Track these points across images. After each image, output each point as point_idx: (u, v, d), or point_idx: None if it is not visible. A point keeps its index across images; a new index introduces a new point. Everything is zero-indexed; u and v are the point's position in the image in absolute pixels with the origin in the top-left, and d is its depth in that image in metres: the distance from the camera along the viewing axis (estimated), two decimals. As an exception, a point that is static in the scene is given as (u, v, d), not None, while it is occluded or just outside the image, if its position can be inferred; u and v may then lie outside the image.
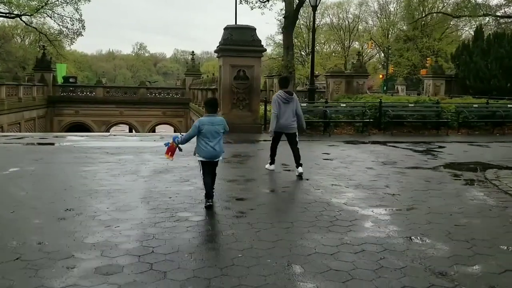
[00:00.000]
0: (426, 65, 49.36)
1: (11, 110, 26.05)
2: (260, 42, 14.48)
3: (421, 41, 63.70)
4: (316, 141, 12.97)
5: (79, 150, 10.47)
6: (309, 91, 18.07)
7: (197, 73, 37.66)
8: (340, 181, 7.60)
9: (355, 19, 78.56)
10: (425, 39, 63.61)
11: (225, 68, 14.24)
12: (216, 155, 5.96)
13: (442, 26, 64.12)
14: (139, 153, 10.15)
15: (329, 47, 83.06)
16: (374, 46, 63.42)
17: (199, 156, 6.00)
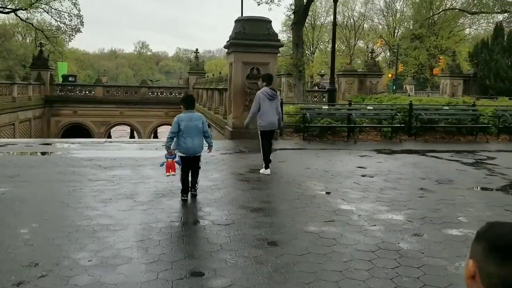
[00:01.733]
0: (440, 63, 47.54)
1: (4, 110, 24.34)
2: (276, 36, 12.75)
3: (429, 40, 61.96)
4: (342, 150, 11.23)
5: (66, 162, 8.76)
6: (328, 92, 16.30)
7: (201, 72, 35.90)
8: (397, 211, 5.86)
9: (361, 17, 76.86)
10: (432, 38, 61.88)
11: (237, 65, 12.51)
12: (195, 151, 6.13)
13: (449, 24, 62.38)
14: (137, 167, 8.43)
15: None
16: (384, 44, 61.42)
17: (179, 152, 6.12)
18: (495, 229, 1.12)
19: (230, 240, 4.63)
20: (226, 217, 5.40)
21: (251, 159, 9.42)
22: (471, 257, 1.12)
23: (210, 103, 22.36)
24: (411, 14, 68.28)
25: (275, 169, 8.47)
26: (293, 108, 14.17)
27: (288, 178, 7.69)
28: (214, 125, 18.68)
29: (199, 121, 6.14)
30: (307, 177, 7.76)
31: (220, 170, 8.37)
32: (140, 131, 35.14)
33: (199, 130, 6.10)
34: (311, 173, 8.16)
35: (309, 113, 12.60)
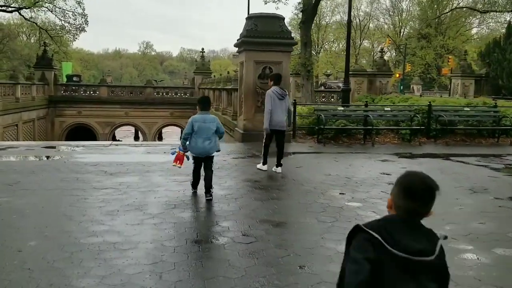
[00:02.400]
0: (449, 63, 46.77)
1: (7, 111, 23.85)
2: (289, 34, 12.13)
3: (436, 39, 61.20)
4: (360, 154, 10.62)
5: (70, 167, 8.20)
6: (343, 92, 15.67)
7: (207, 72, 35.32)
8: (437, 226, 5.25)
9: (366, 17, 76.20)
10: (439, 37, 61.14)
11: (248, 64, 11.91)
12: (207, 152, 6.17)
13: (456, 24, 61.61)
14: (145, 173, 7.85)
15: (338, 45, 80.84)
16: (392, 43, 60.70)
17: (192, 152, 6.22)
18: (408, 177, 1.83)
19: (255, 263, 4.05)
20: (247, 234, 4.81)
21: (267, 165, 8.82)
22: (391, 194, 1.86)
23: (217, 104, 21.78)
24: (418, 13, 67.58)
25: (294, 175, 7.87)
26: (306, 109, 13.56)
27: (309, 186, 7.09)
28: (222, 127, 18.10)
29: (213, 123, 6.16)
30: (330, 185, 7.16)
31: (234, 177, 7.79)
32: (145, 131, 34.63)
33: (212, 131, 6.12)
34: (332, 180, 7.56)
35: (324, 114, 11.98)
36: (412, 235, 1.76)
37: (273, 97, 7.93)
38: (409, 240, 1.73)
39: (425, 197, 1.80)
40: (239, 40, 12.28)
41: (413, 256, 1.70)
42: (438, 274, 1.79)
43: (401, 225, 1.79)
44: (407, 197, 1.80)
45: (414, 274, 1.71)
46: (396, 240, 1.72)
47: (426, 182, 1.82)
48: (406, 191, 1.81)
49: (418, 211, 1.80)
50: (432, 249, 1.77)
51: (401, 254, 1.69)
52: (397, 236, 1.74)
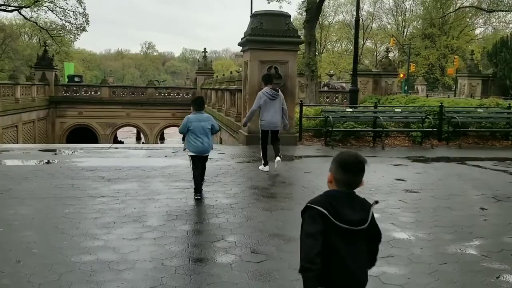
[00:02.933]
0: (454, 63, 46.22)
1: (6, 112, 23.43)
2: (296, 32, 11.66)
3: (439, 39, 60.65)
4: (371, 157, 10.12)
5: (65, 173, 7.74)
6: (350, 93, 15.16)
7: (209, 72, 34.87)
8: (465, 240, 4.77)
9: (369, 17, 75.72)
10: (443, 37, 60.59)
11: (253, 64, 11.43)
12: (204, 150, 6.32)
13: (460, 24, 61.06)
14: (145, 179, 7.38)
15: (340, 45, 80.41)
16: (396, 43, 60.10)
17: (189, 151, 6.33)
18: (342, 155, 2.25)
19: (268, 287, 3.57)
20: (256, 251, 4.34)
21: (273, 169, 8.34)
22: (330, 171, 2.26)
23: (220, 105, 21.31)
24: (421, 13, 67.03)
25: (303, 182, 7.40)
26: (313, 110, 13.08)
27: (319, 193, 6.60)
28: (225, 128, 17.64)
29: (208, 122, 6.32)
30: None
31: (239, 184, 7.31)
32: (146, 132, 34.22)
33: (207, 130, 6.28)
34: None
35: (332, 116, 11.50)
36: (351, 206, 2.16)
37: (262, 97, 7.94)
38: (349, 212, 2.13)
39: (357, 169, 2.21)
40: (243, 38, 11.81)
41: (353, 227, 2.11)
42: (370, 235, 2.23)
43: (342, 198, 2.18)
44: (343, 171, 2.20)
45: (353, 239, 2.13)
46: (339, 213, 2.11)
47: (357, 157, 2.24)
48: (342, 166, 2.21)
49: (353, 181, 2.21)
50: (366, 217, 2.17)
51: (344, 226, 2.10)
52: (340, 209, 2.12)
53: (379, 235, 2.31)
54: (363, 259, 2.21)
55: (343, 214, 2.11)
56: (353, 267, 2.14)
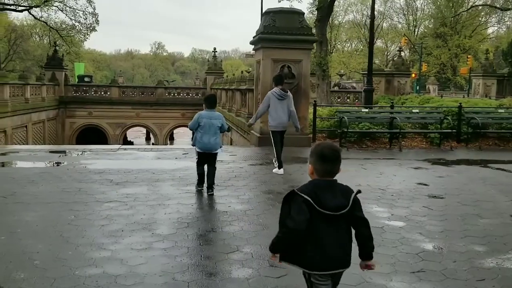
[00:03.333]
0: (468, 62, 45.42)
1: (16, 112, 23.37)
2: (310, 30, 11.31)
3: (451, 39, 59.77)
4: (389, 160, 9.74)
5: (72, 176, 7.47)
6: (365, 93, 14.74)
7: (219, 72, 34.59)
8: (500, 253, 4.38)
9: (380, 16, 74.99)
10: (455, 37, 59.69)
11: (266, 63, 11.09)
12: (211, 148, 6.33)
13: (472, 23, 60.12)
14: (155, 182, 7.09)
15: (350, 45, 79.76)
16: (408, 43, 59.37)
17: (197, 147, 6.38)
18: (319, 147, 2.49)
19: (289, 307, 3.23)
20: (274, 264, 3.98)
21: (288, 172, 7.99)
22: (309, 163, 2.50)
23: (230, 105, 21.00)
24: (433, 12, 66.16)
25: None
26: (326, 111, 12.70)
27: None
28: (236, 129, 17.35)
29: (218, 120, 6.40)
30: (363, 198, 6.23)
31: (252, 188, 6.97)
32: (156, 133, 34.06)
33: (216, 128, 6.34)
34: (365, 192, 6.67)
35: (347, 116, 11.12)
36: (333, 193, 2.42)
37: (271, 97, 7.95)
38: (330, 199, 2.39)
39: (334, 159, 2.48)
40: (255, 36, 11.48)
41: (334, 212, 2.39)
42: (350, 218, 2.48)
43: (325, 186, 2.43)
44: (322, 161, 2.46)
45: (334, 222, 2.41)
46: (322, 200, 2.37)
47: (333, 147, 2.52)
48: (321, 157, 2.46)
49: (333, 169, 2.48)
50: (347, 203, 2.43)
51: (327, 212, 2.37)
52: (322, 196, 2.38)
53: (365, 220, 2.55)
54: (341, 241, 2.45)
55: (325, 200, 2.38)
56: (328, 247, 2.40)
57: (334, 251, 2.43)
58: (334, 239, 2.43)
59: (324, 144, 2.58)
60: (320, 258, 2.41)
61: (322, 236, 2.41)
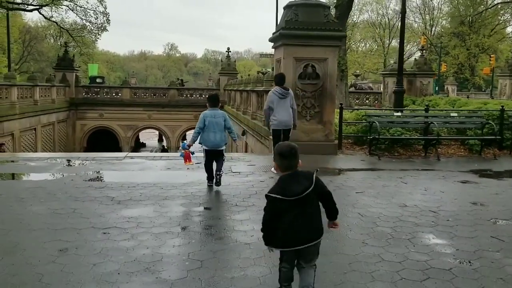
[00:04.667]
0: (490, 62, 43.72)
1: (24, 114, 22.65)
2: (337, 25, 10.18)
3: (469, 38, 57.93)
4: (429, 171, 8.56)
5: (68, 192, 6.47)
6: (395, 94, 13.53)
7: (233, 72, 33.56)
8: None
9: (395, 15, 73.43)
10: (474, 36, 57.83)
11: (287, 62, 9.99)
12: (217, 145, 6.70)
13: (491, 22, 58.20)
14: (163, 201, 6.05)
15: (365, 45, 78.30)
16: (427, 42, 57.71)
17: (203, 145, 6.76)
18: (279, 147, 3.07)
19: None
20: None
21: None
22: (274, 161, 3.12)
23: (245, 107, 19.93)
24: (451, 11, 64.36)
25: (358, 206, 5.90)
26: (353, 114, 11.56)
27: (384, 225, 5.14)
28: (252, 132, 16.27)
29: (222, 118, 6.75)
30: (413, 224, 5.18)
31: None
32: (168, 135, 33.21)
33: (221, 126, 6.70)
34: (413, 214, 5.57)
35: (378, 121, 9.96)
36: (297, 182, 3.00)
37: (272, 96, 8.02)
38: (295, 187, 2.97)
39: (291, 155, 3.06)
40: (275, 33, 10.40)
41: (299, 195, 2.95)
42: (320, 195, 3.10)
43: (288, 179, 3.04)
44: (282, 158, 3.07)
45: (300, 204, 2.98)
46: (287, 190, 2.97)
47: (290, 146, 3.12)
48: (280, 155, 3.08)
49: (291, 164, 3.06)
50: (310, 184, 2.98)
51: (291, 198, 2.95)
52: (288, 187, 2.99)
53: (329, 194, 3.14)
54: (309, 219, 3.01)
55: (291, 189, 2.97)
56: (296, 226, 2.96)
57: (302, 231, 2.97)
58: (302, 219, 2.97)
59: (282, 144, 3.20)
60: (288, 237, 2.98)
61: (291, 219, 2.95)
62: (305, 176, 3.02)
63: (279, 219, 2.98)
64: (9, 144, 21.09)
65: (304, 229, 2.96)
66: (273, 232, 3.03)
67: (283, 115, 8.04)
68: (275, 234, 3.03)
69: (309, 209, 2.99)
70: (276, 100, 8.04)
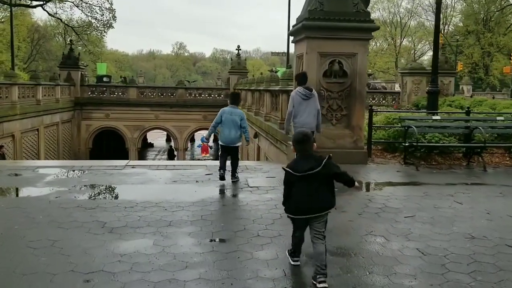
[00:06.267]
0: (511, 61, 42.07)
1: (25, 114, 21.61)
2: (368, 15, 8.90)
3: (484, 37, 56.15)
4: (480, 186, 7.24)
5: (52, 214, 5.28)
6: (429, 95, 12.18)
7: (243, 71, 32.31)
8: None
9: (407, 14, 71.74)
10: (488, 34, 56.05)
11: (311, 57, 8.72)
12: (232, 141, 7.01)
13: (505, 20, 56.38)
14: (166, 228, 4.83)
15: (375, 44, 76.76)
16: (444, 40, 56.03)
17: (220, 141, 7.17)
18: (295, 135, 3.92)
19: None
20: None
21: (353, 208, 5.63)
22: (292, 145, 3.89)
23: (257, 107, 18.67)
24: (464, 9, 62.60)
25: (413, 240, 4.62)
26: (383, 117, 10.27)
27: (457, 269, 3.87)
28: (265, 135, 15.03)
29: (238, 117, 7.04)
30: (496, 268, 3.90)
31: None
32: (176, 136, 32.06)
33: (237, 124, 6.97)
34: (488, 251, 4.30)
35: (415, 125, 8.66)
36: (306, 161, 3.64)
37: (295, 97, 7.41)
38: (304, 165, 3.61)
39: (305, 141, 3.74)
40: (297, 25, 9.13)
41: (303, 173, 3.58)
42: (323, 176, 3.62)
43: (300, 159, 3.74)
44: (298, 144, 3.77)
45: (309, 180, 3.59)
46: (298, 167, 3.63)
47: (304, 133, 3.85)
48: (296, 141, 3.78)
49: (306, 148, 3.73)
50: (316, 166, 3.58)
51: (301, 174, 3.59)
52: (298, 164, 3.66)
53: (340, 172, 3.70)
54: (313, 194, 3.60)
55: (300, 167, 3.61)
56: (304, 197, 3.60)
57: (310, 202, 3.61)
58: (306, 193, 3.61)
59: (298, 132, 4.13)
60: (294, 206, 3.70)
61: (301, 190, 3.62)
62: (316, 159, 3.65)
63: (291, 190, 3.66)
64: (9, 146, 20.07)
65: (308, 202, 3.58)
66: (287, 200, 3.72)
67: (306, 117, 7.38)
68: (288, 202, 3.71)
69: (315, 186, 3.58)
70: (298, 102, 7.32)
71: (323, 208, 3.61)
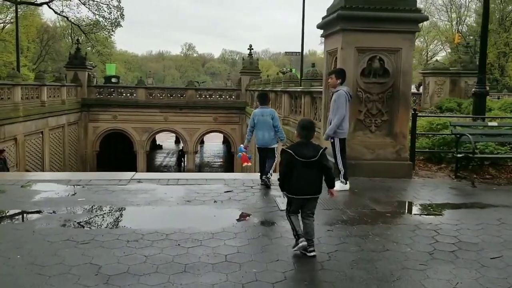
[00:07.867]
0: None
1: (29, 116, 20.56)
2: (415, 3, 7.59)
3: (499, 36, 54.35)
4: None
5: (33, 250, 4.09)
6: (475, 97, 10.83)
7: (256, 72, 31.08)
8: None
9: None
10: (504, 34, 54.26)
11: (347, 53, 7.44)
12: (265, 143, 6.91)
13: (523, 18, 54.56)
14: (180, 277, 3.60)
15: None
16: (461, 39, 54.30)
17: (256, 143, 7.10)
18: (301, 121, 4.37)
19: None
20: None
21: (419, 244, 4.36)
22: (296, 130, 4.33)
23: (274, 110, 17.40)
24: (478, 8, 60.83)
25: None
26: (425, 122, 8.95)
27: None
28: (284, 141, 13.71)
29: (269, 116, 6.88)
30: None
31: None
32: (186, 139, 30.93)
33: (269, 124, 6.84)
34: None
35: (470, 133, 7.34)
36: (307, 148, 4.03)
37: (344, 98, 6.57)
38: (305, 151, 3.99)
39: (309, 127, 4.19)
40: (329, 16, 7.85)
41: (306, 159, 3.97)
42: (319, 164, 4.03)
43: (302, 144, 4.09)
44: (303, 129, 4.14)
45: (307, 166, 3.98)
46: (299, 152, 3.97)
47: (309, 120, 4.40)
48: (303, 127, 4.16)
49: (308, 134, 4.14)
50: (316, 154, 3.99)
51: (301, 159, 3.97)
52: (300, 150, 4.01)
53: (328, 167, 4.10)
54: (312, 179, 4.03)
55: (301, 152, 3.99)
56: (302, 181, 4.01)
57: (306, 186, 4.03)
58: (306, 177, 4.00)
59: (305, 119, 4.69)
60: (295, 187, 4.03)
61: (300, 174, 4.00)
62: (315, 148, 4.10)
63: (291, 172, 4.01)
64: (11, 149, 19.03)
65: (306, 184, 4.03)
66: (287, 180, 4.06)
67: (348, 122, 6.86)
68: (289, 182, 4.06)
69: (312, 171, 4.04)
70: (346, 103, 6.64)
71: (317, 192, 4.09)
